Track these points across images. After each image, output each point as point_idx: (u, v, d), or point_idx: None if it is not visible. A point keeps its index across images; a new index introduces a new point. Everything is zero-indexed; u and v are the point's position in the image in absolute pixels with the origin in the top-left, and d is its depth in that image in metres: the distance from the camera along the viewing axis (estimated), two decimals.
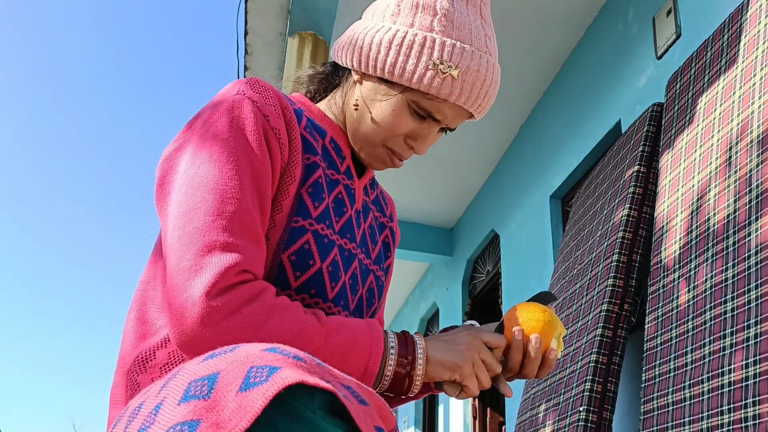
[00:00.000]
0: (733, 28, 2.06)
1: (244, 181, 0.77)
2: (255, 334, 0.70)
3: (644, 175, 2.39)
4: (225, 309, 0.70)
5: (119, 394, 0.81)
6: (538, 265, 3.79)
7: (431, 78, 0.84)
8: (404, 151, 0.93)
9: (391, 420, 0.61)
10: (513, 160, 4.38)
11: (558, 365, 2.50)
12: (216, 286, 0.70)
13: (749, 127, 1.81)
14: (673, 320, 1.92)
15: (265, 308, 0.72)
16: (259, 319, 0.71)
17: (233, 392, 0.50)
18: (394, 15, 0.88)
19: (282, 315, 0.73)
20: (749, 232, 1.67)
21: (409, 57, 0.85)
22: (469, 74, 0.85)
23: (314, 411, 0.51)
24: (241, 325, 0.70)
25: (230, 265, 0.72)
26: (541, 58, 3.65)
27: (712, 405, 1.62)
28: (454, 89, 0.85)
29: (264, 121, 0.82)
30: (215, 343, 0.69)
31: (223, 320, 0.70)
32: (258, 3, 3.31)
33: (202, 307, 0.70)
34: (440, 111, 0.88)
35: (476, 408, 4.86)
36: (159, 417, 0.51)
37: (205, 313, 0.70)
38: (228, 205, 0.75)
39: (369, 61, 0.88)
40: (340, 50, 0.94)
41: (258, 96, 0.83)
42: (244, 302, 0.71)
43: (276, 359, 0.52)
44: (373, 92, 0.90)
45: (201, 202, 0.75)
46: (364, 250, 0.95)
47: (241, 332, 0.70)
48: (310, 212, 0.85)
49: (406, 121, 0.89)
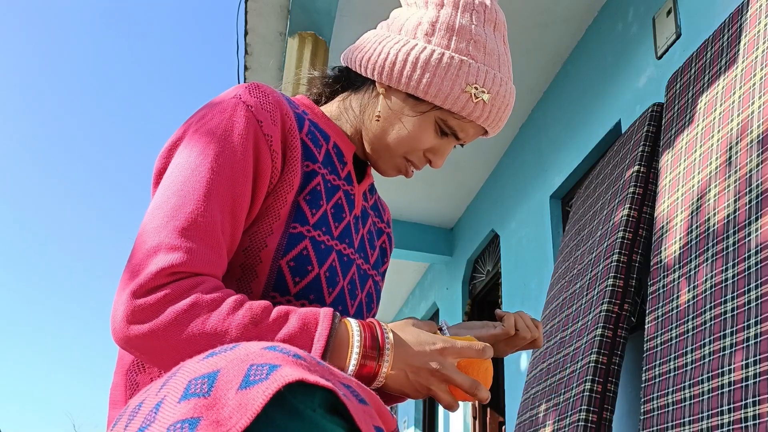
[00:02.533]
0: (733, 28, 2.06)
1: (214, 184, 0.77)
2: (178, 334, 0.70)
3: (644, 175, 2.39)
4: (150, 309, 0.70)
5: (119, 394, 0.82)
6: (538, 265, 3.79)
7: (465, 101, 0.88)
8: (422, 164, 0.96)
9: (391, 422, 0.61)
10: (513, 160, 4.38)
11: (558, 365, 2.50)
12: (144, 287, 0.71)
13: (749, 127, 1.81)
14: (673, 320, 1.92)
15: (189, 306, 0.71)
16: (181, 319, 0.70)
17: (233, 390, 0.50)
18: (428, 34, 0.89)
19: (208, 313, 0.71)
20: (749, 232, 1.67)
21: (445, 79, 0.87)
22: (498, 99, 0.90)
23: (314, 409, 0.51)
24: (166, 324, 0.70)
25: (165, 266, 0.71)
26: (541, 58, 3.65)
27: (712, 405, 1.62)
28: (484, 112, 0.89)
29: (256, 126, 0.82)
30: (145, 341, 0.70)
31: (146, 318, 0.70)
32: (258, 3, 3.31)
33: (126, 306, 0.70)
34: (464, 130, 0.92)
35: (476, 408, 4.86)
36: (159, 415, 0.51)
37: (128, 313, 0.70)
38: (187, 205, 0.75)
39: (401, 77, 0.89)
40: (359, 59, 0.94)
41: (255, 101, 0.84)
42: (168, 301, 0.71)
43: (276, 357, 0.52)
44: (399, 106, 0.91)
45: (165, 201, 0.76)
46: (362, 255, 0.96)
47: (166, 332, 0.70)
48: (307, 219, 0.85)
49: (430, 137, 0.92)
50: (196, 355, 0.68)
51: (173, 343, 0.70)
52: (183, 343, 0.70)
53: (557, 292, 2.85)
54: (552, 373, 2.54)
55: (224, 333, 0.70)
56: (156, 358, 0.72)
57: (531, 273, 3.89)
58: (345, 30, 3.45)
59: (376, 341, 0.75)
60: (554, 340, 2.66)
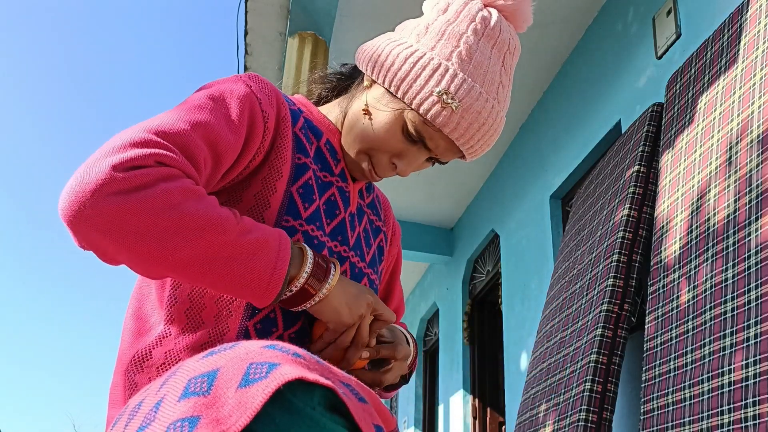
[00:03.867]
0: (733, 28, 2.06)
1: (205, 121, 0.76)
2: (166, 213, 0.66)
3: (644, 175, 2.39)
4: (134, 181, 0.64)
5: (118, 394, 0.82)
6: (538, 265, 3.79)
7: (432, 104, 0.85)
8: (386, 170, 0.93)
9: (391, 421, 0.61)
10: (513, 160, 4.38)
11: (558, 365, 2.50)
12: (128, 163, 0.65)
13: (749, 127, 1.81)
14: (673, 320, 1.92)
15: (183, 190, 0.68)
16: (174, 198, 0.66)
17: (233, 389, 0.50)
18: (420, 35, 0.89)
19: (199, 200, 0.69)
20: (749, 232, 1.67)
21: (419, 78, 0.86)
22: (469, 112, 0.85)
23: (314, 407, 0.51)
24: (152, 199, 0.65)
25: (151, 153, 0.67)
26: (541, 58, 3.65)
27: (712, 405, 1.62)
28: (451, 122, 0.85)
29: (254, 100, 0.83)
30: (114, 215, 0.63)
31: (131, 192, 0.64)
32: (258, 3, 3.32)
33: (103, 175, 0.63)
34: (433, 139, 0.88)
35: (476, 408, 4.86)
36: (159, 414, 0.51)
37: (104, 180, 0.63)
38: (179, 123, 0.74)
39: (382, 70, 0.89)
40: (362, 54, 0.95)
41: (255, 85, 0.85)
42: (160, 179, 0.66)
43: (275, 356, 0.52)
44: (376, 100, 0.90)
45: (161, 116, 0.75)
46: (358, 252, 0.95)
47: (151, 208, 0.65)
48: (300, 213, 0.85)
49: (397, 138, 0.89)
50: (182, 240, 0.67)
51: (162, 220, 0.65)
52: (173, 220, 0.66)
53: (557, 292, 2.85)
54: (552, 373, 2.54)
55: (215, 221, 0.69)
56: (117, 240, 0.65)
57: (531, 273, 3.89)
58: (345, 30, 3.45)
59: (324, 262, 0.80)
60: (554, 340, 2.66)
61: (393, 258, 1.11)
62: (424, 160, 0.93)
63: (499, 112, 0.89)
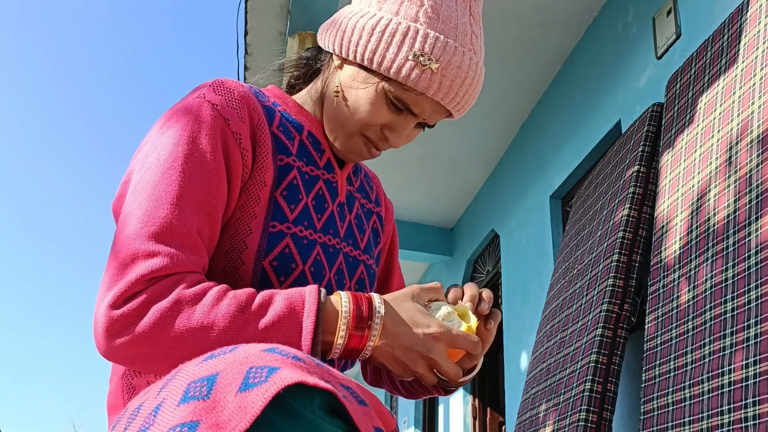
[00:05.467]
0: (733, 28, 2.06)
1: (186, 186, 0.75)
2: (166, 332, 0.68)
3: (644, 175, 2.39)
4: (130, 316, 0.68)
5: (116, 399, 0.81)
6: (538, 265, 3.79)
7: (410, 69, 0.81)
8: (381, 141, 0.89)
9: (391, 422, 0.61)
10: (513, 160, 4.38)
11: (558, 365, 2.50)
12: (122, 297, 0.69)
13: (749, 127, 1.81)
14: (673, 320, 1.92)
15: (172, 303, 0.69)
16: (166, 317, 0.69)
17: (233, 393, 0.49)
18: (381, 1, 0.85)
19: (192, 307, 0.69)
20: (749, 232, 1.67)
21: (390, 45, 0.82)
22: (449, 70, 0.82)
23: (314, 411, 0.51)
24: (150, 326, 0.68)
25: (144, 272, 0.70)
26: (541, 58, 3.64)
27: (712, 405, 1.62)
28: (433, 83, 0.82)
29: (224, 124, 0.80)
30: (130, 349, 0.69)
31: (130, 327, 0.68)
32: (258, 3, 3.31)
33: (105, 318, 0.69)
34: (418, 104, 0.85)
35: (476, 408, 4.86)
36: (158, 418, 0.51)
37: (108, 325, 0.69)
38: (160, 210, 0.73)
39: (350, 46, 0.85)
40: (324, 33, 0.92)
41: (220, 99, 0.82)
42: (149, 302, 0.69)
43: (275, 359, 0.52)
44: (351, 79, 0.87)
45: (137, 208, 0.74)
46: (351, 242, 0.93)
47: (153, 333, 0.68)
48: (286, 216, 0.84)
49: (383, 112, 0.86)
50: (187, 354, 0.66)
51: (161, 344, 0.69)
52: (171, 342, 0.68)
53: (557, 292, 2.85)
54: (552, 373, 2.54)
55: (211, 325, 0.69)
56: (147, 364, 0.71)
57: (531, 273, 3.88)
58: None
59: (363, 314, 0.73)
60: (554, 340, 2.66)
61: (389, 234, 1.08)
62: (414, 127, 0.90)
63: (478, 63, 0.86)
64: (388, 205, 1.09)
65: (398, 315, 0.76)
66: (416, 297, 0.78)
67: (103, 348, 0.70)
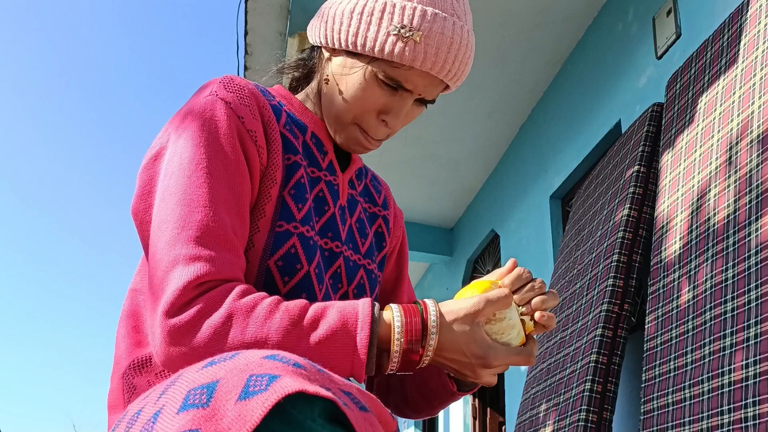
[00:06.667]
0: (733, 28, 2.06)
1: (215, 187, 0.75)
2: (220, 347, 0.69)
3: (644, 175, 2.39)
4: (185, 326, 0.69)
5: (117, 398, 0.81)
6: (538, 265, 3.79)
7: (393, 44, 0.80)
8: (377, 129, 0.88)
9: (392, 423, 0.61)
10: (513, 160, 4.38)
11: (558, 365, 2.50)
12: (175, 305, 0.69)
13: (749, 127, 1.81)
14: (673, 320, 1.92)
15: (225, 317, 0.69)
16: (219, 332, 0.69)
17: (232, 401, 0.49)
18: None
19: (245, 321, 0.69)
20: (749, 232, 1.67)
21: (371, 25, 0.81)
22: (432, 38, 0.80)
23: (314, 419, 0.50)
24: (206, 341, 0.68)
25: (190, 279, 0.70)
26: (541, 58, 3.64)
27: (712, 405, 1.62)
28: (418, 54, 0.80)
29: (239, 123, 0.80)
30: (189, 359, 0.69)
31: (185, 337, 0.69)
32: (258, 3, 3.31)
33: (161, 328, 0.69)
34: (409, 80, 0.83)
35: (476, 408, 4.86)
36: (157, 425, 0.51)
37: (166, 334, 0.69)
38: (195, 213, 0.73)
39: (334, 34, 0.85)
40: (311, 29, 0.91)
41: (232, 96, 0.81)
42: (203, 315, 0.69)
43: (275, 367, 0.52)
44: (341, 67, 0.86)
45: (170, 214, 0.74)
46: (351, 245, 0.93)
47: (208, 348, 0.68)
48: (294, 215, 0.83)
49: (376, 95, 0.85)
50: None
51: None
52: None
53: (557, 291, 2.85)
54: (552, 373, 2.54)
55: (265, 339, 0.69)
56: None
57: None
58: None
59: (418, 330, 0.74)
60: (554, 340, 2.66)
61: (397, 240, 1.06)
62: (412, 106, 0.89)
63: (463, 26, 0.84)
64: (398, 212, 1.08)
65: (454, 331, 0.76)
66: (481, 313, 0.77)
67: (163, 356, 0.70)
